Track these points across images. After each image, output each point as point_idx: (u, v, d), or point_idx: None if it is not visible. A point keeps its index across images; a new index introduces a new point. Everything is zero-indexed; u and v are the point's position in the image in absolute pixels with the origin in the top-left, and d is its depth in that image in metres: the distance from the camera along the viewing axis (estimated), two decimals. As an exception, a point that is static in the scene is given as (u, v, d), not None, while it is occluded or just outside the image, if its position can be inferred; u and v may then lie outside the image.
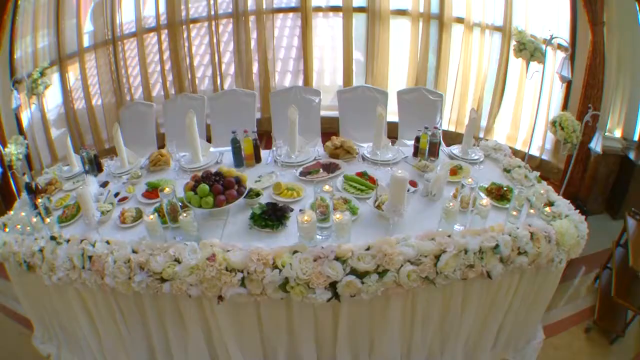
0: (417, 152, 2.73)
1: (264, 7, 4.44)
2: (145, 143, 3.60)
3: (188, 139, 2.54)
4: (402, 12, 4.36)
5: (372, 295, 1.65)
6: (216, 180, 1.91)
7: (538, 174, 2.52)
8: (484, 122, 4.44)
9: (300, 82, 4.84)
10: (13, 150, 3.38)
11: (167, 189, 1.78)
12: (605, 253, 3.04)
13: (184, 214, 1.73)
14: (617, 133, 3.40)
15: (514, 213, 2.03)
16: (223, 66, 4.75)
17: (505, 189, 2.33)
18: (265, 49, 4.61)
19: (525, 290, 2.05)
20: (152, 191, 2.29)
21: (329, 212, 1.80)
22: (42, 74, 3.82)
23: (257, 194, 2.09)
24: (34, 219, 2.08)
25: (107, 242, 1.82)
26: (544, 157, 4.10)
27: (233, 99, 3.59)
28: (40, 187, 2.54)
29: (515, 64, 4.03)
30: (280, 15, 4.70)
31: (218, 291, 1.61)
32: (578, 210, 2.09)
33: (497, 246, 1.75)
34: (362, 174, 2.39)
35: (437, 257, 1.69)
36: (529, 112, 4.11)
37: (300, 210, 2.01)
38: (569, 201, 2.16)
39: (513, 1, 3.79)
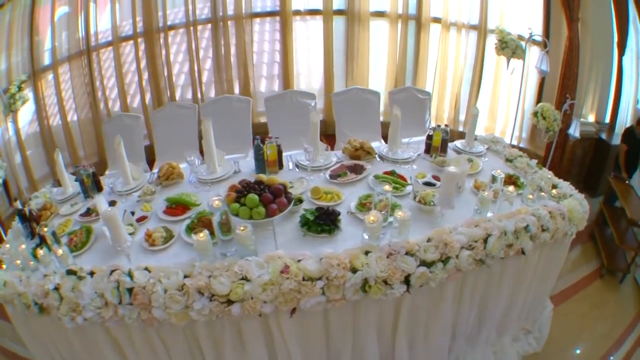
0: (429, 149, 2.79)
1: (243, 11, 4.31)
2: (133, 158, 3.32)
3: (205, 149, 2.38)
4: (380, 14, 4.46)
5: (438, 282, 1.72)
6: (261, 189, 1.80)
7: (536, 161, 2.71)
8: (462, 116, 4.67)
9: (280, 87, 4.76)
10: None
11: (217, 202, 1.64)
12: (589, 227, 3.34)
13: (241, 228, 1.61)
14: (591, 118, 3.75)
15: (530, 197, 2.23)
16: (205, 73, 4.54)
17: (513, 177, 2.48)
18: (245, 54, 4.48)
19: (543, 264, 2.22)
20: (176, 207, 2.09)
21: (388, 211, 1.79)
22: (19, 88, 3.48)
23: (300, 200, 2.02)
24: (41, 251, 1.79)
25: (147, 270, 1.61)
26: (522, 145, 4.39)
27: (227, 106, 3.44)
28: (35, 214, 2.18)
29: (491, 60, 4.29)
30: (258, 19, 4.58)
31: (293, 304, 1.52)
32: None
33: (527, 226, 1.90)
34: (391, 173, 2.40)
35: (485, 241, 1.80)
36: (505, 104, 4.40)
37: (349, 212, 2.02)
38: (568, 183, 2.37)
39: (488, 1, 4.02)
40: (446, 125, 2.77)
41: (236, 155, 3.23)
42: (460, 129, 4.69)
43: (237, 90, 4.65)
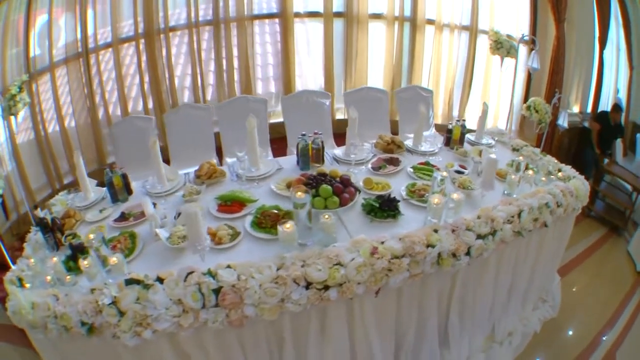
0: (449, 141, 3.02)
1: (245, 13, 4.36)
2: (147, 161, 3.27)
3: (249, 146, 2.44)
4: (377, 16, 4.66)
5: (490, 252, 1.95)
6: (329, 180, 1.92)
7: (539, 149, 3.01)
8: (455, 112, 4.98)
9: (281, 89, 4.84)
10: None
11: (300, 193, 1.72)
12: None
13: (326, 216, 1.71)
14: (576, 109, 4.15)
15: (543, 179, 2.57)
16: (210, 75, 4.53)
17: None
18: (247, 56, 4.52)
19: (556, 237, 2.53)
20: (231, 204, 2.10)
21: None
22: (20, 89, 3.18)
23: (358, 190, 2.14)
24: (85, 262, 1.62)
25: (230, 267, 1.54)
26: (512, 136, 4.74)
27: (244, 106, 3.48)
28: (59, 222, 2.00)
29: (481, 58, 4.62)
30: (257, 21, 4.63)
31: (382, 283, 1.64)
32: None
33: (547, 203, 2.19)
34: (426, 163, 2.60)
35: (519, 215, 2.07)
36: (495, 99, 4.75)
37: (403, 198, 2.18)
38: (570, 166, 2.70)
39: (479, 3, 4.34)
40: (463, 120, 3.00)
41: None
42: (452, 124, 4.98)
43: (238, 92, 4.68)
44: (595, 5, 3.61)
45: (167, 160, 3.49)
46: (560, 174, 2.62)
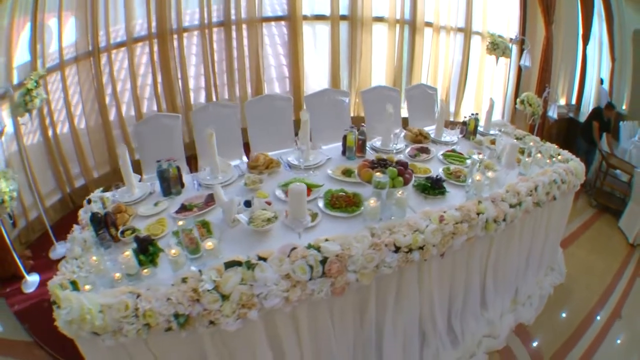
0: (465, 132, 3.35)
1: (256, 15, 4.53)
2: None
3: (302, 138, 2.64)
4: (380, 19, 4.97)
5: (518, 220, 2.32)
6: (390, 164, 2.18)
7: (539, 138, 3.42)
8: (452, 108, 5.37)
9: (290, 88, 5.05)
10: (4, 187, 2.73)
11: (378, 173, 1.98)
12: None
13: (400, 192, 1.98)
14: (562, 101, 4.64)
15: (548, 161, 2.97)
16: (221, 75, 4.65)
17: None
18: (258, 57, 4.69)
19: (559, 211, 2.96)
20: None
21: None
22: (37, 83, 3.06)
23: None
24: (172, 251, 1.60)
25: (328, 240, 1.70)
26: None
27: (270, 104, 3.66)
28: (112, 217, 1.96)
29: (475, 57, 5.03)
30: (265, 24, 4.81)
31: (448, 245, 1.93)
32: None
33: (555, 180, 2.60)
34: (452, 151, 2.92)
35: (535, 190, 2.45)
36: (487, 94, 5.17)
37: (442, 179, 2.48)
38: (567, 151, 3.13)
39: (473, 7, 4.74)
40: (476, 114, 3.35)
41: (282, 150, 3.49)
42: (451, 119, 5.37)
43: (249, 92, 4.84)
44: (579, 4, 4.10)
45: (194, 157, 3.62)
46: (560, 157, 3.04)
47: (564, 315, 2.91)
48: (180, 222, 1.81)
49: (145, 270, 1.65)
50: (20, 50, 3.45)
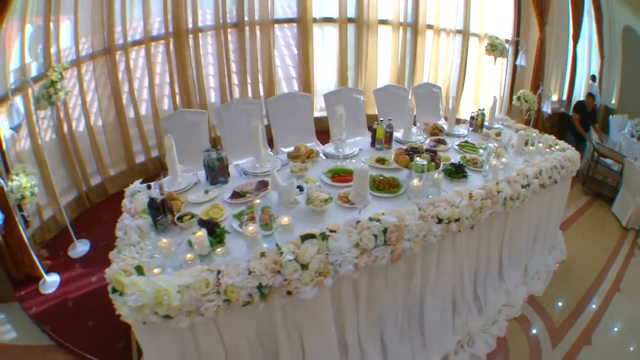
0: (474, 126, 3.65)
1: (268, 17, 4.75)
2: (198, 153, 3.36)
3: (335, 131, 2.88)
4: (384, 22, 5.26)
5: (528, 199, 2.69)
6: (422, 152, 2.45)
7: (537, 130, 3.76)
8: (450, 105, 5.68)
9: (300, 88, 5.27)
10: (24, 182, 2.71)
11: (419, 158, 2.29)
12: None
13: (436, 174, 2.25)
14: (555, 97, 5.02)
15: (548, 150, 3.30)
16: (238, 75, 4.84)
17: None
18: (270, 58, 4.90)
19: (559, 195, 3.32)
20: (342, 176, 2.53)
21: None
22: (61, 75, 2.99)
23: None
24: (251, 228, 1.73)
25: (384, 214, 1.93)
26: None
27: (291, 102, 3.87)
28: (169, 204, 2.04)
29: (472, 57, 5.37)
30: (277, 25, 5.02)
31: (477, 219, 2.23)
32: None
33: (555, 165, 2.94)
34: (466, 142, 3.22)
35: (540, 173, 2.78)
36: (485, 92, 5.53)
37: (463, 165, 2.76)
38: (563, 141, 3.47)
39: (470, 10, 5.09)
40: (482, 110, 3.65)
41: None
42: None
43: (261, 92, 5.04)
44: (570, 5, 4.48)
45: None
46: (557, 146, 3.40)
47: (569, 288, 3.23)
48: (257, 201, 1.91)
49: (219, 249, 1.77)
50: (31, 47, 3.42)
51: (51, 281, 3.11)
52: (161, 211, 1.95)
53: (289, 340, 1.89)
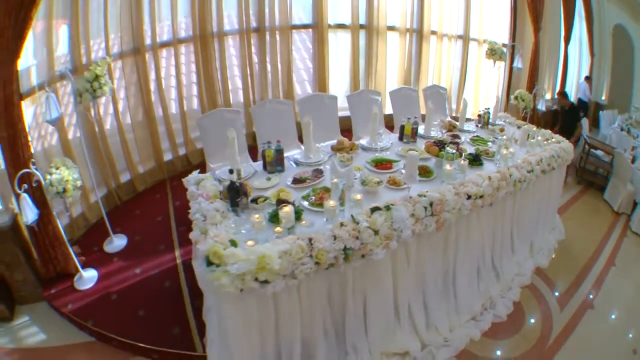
0: (482, 123, 4.10)
1: (288, 23, 5.11)
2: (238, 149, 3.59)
3: (374, 127, 3.32)
4: (392, 28, 5.70)
5: (533, 183, 3.17)
6: (446, 143, 2.89)
7: (534, 126, 4.26)
8: (453, 105, 6.17)
9: (315, 90, 5.65)
10: (67, 175, 2.68)
11: (449, 148, 2.74)
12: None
13: (462, 161, 2.68)
14: (548, 96, 5.55)
15: (545, 142, 3.77)
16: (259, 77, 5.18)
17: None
18: (289, 62, 5.26)
19: (556, 181, 3.79)
20: (383, 164, 2.96)
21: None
22: (107, 70, 3.01)
23: (456, 150, 3.13)
24: (331, 202, 2.07)
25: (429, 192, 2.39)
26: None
27: (319, 102, 4.23)
28: (244, 189, 2.33)
29: (472, 61, 5.86)
30: (294, 31, 5.39)
31: (494, 197, 2.71)
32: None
33: (553, 155, 3.42)
34: (477, 137, 3.68)
35: (540, 161, 3.24)
36: (484, 92, 6.03)
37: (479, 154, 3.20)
38: (558, 134, 3.96)
39: (470, 17, 5.59)
40: (488, 109, 4.11)
41: (328, 142, 4.05)
42: (454, 114, 6.17)
43: (281, 93, 5.39)
44: (562, 6, 5.00)
45: (254, 147, 4.05)
46: (554, 139, 3.88)
47: (569, 262, 3.71)
48: (335, 180, 2.26)
49: (304, 222, 2.11)
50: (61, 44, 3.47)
51: (88, 277, 3.10)
52: (240, 194, 2.26)
53: (354, 301, 2.28)
